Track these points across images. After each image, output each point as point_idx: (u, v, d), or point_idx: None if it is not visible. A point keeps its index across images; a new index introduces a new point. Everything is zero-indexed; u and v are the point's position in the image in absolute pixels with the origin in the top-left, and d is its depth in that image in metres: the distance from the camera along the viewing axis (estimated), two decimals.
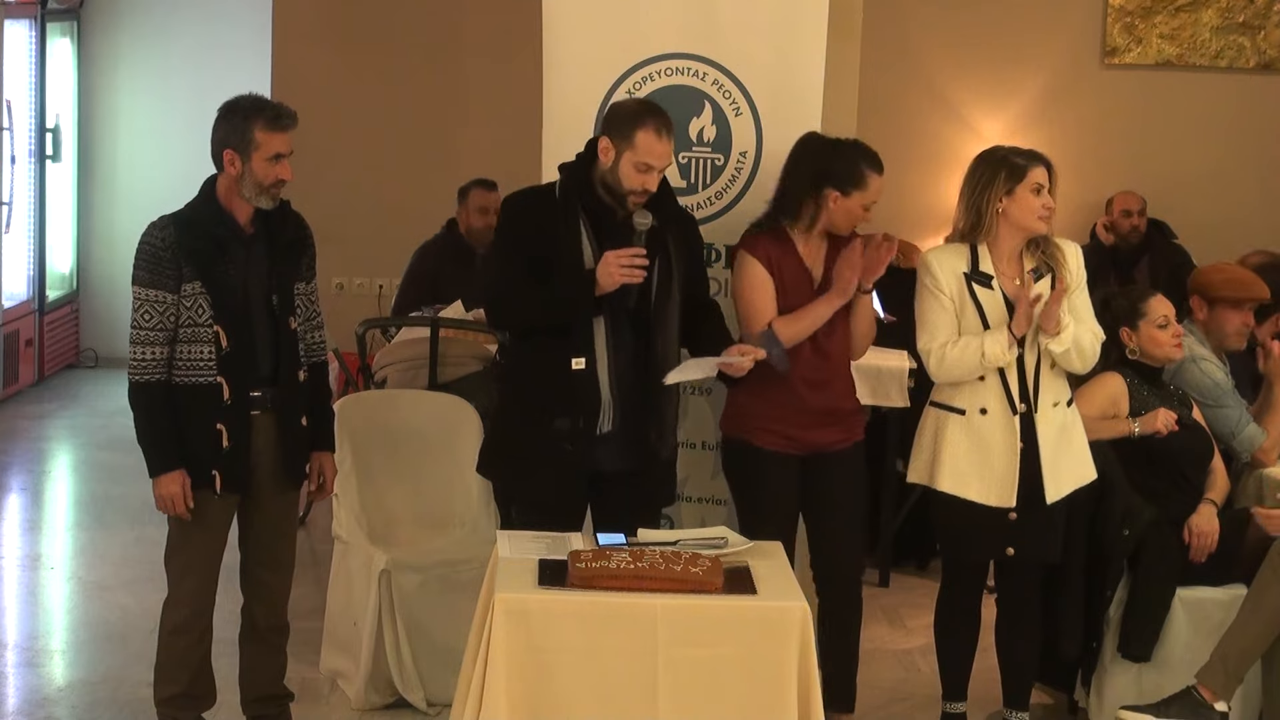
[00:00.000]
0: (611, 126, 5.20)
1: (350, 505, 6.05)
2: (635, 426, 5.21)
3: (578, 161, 5.27)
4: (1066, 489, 5.37)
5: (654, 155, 5.12)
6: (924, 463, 5.41)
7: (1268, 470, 6.01)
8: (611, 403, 5.19)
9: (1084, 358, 5.33)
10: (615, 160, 5.13)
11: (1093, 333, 5.35)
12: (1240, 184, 10.35)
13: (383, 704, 5.86)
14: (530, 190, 5.38)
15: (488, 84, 10.28)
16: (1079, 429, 5.42)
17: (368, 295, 10.19)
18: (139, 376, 5.06)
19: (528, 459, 5.24)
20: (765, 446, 5.41)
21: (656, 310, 5.22)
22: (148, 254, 5.05)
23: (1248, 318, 6.16)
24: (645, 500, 5.32)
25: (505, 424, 5.40)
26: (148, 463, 5.10)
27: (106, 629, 6.61)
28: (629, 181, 5.12)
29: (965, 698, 5.64)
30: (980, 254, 5.31)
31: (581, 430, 5.16)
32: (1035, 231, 5.29)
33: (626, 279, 5.07)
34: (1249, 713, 5.66)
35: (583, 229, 5.18)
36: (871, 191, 5.38)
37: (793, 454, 5.43)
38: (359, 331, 7.58)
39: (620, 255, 5.06)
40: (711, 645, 4.51)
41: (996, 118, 10.26)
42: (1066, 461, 5.36)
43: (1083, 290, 5.37)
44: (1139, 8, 10.43)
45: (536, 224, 5.20)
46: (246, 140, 5.03)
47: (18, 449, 9.37)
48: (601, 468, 5.22)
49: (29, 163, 10.81)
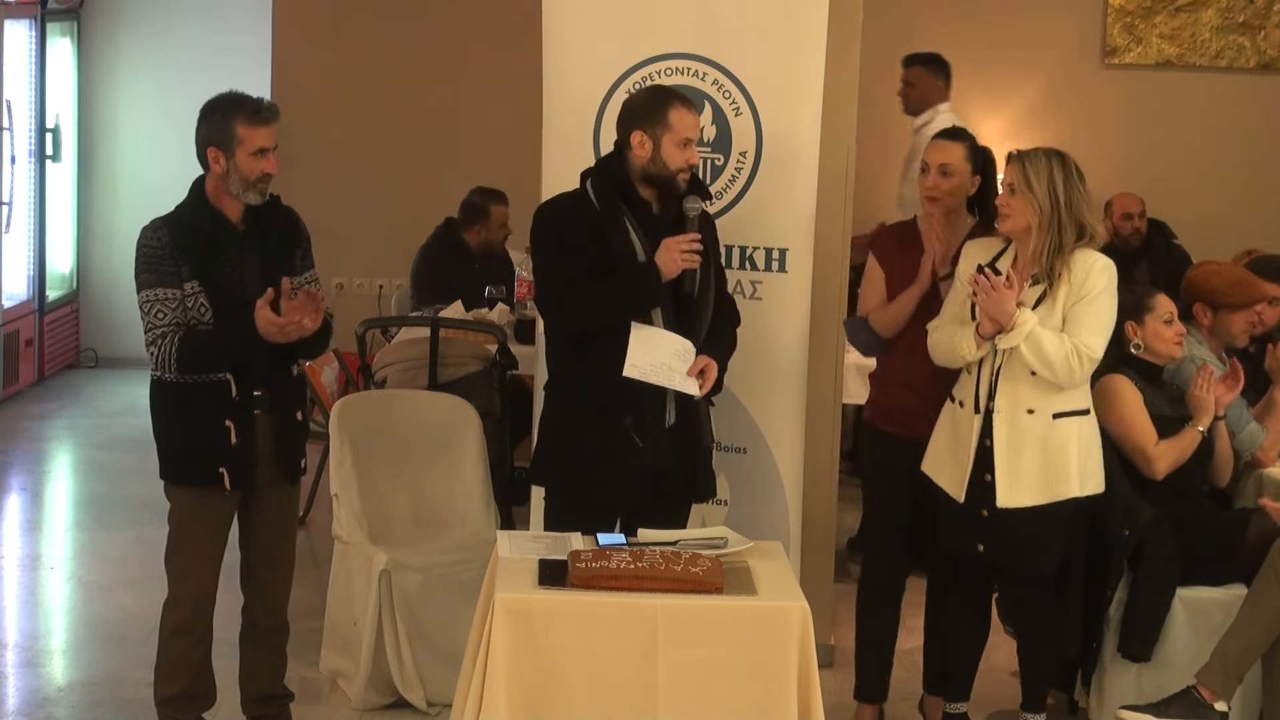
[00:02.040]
0: (637, 118, 5.22)
1: (350, 505, 6.05)
2: (689, 419, 5.28)
3: (604, 165, 5.30)
4: (1026, 499, 5.24)
5: (689, 127, 5.21)
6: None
7: (1268, 470, 6.01)
8: (673, 396, 5.23)
9: (1049, 366, 5.15)
10: (655, 147, 5.18)
11: (1075, 345, 5.16)
12: (1240, 184, 10.35)
13: (383, 704, 5.86)
14: (563, 198, 5.36)
15: (488, 84, 10.28)
16: (1070, 443, 5.25)
17: (368, 295, 10.19)
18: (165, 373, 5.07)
19: (593, 461, 5.21)
20: (886, 430, 5.63)
21: (699, 302, 5.28)
22: (147, 255, 5.06)
23: (1252, 315, 6.17)
24: (689, 495, 5.38)
25: (564, 430, 5.32)
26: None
27: (106, 629, 6.61)
28: (675, 161, 5.19)
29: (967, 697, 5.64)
30: (1009, 250, 5.31)
31: (649, 426, 5.20)
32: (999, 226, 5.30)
33: (688, 264, 5.17)
34: (1249, 713, 5.66)
35: (629, 227, 5.20)
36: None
37: (911, 439, 5.54)
38: (359, 331, 7.58)
39: (679, 241, 5.15)
40: (711, 645, 4.51)
41: (996, 118, 10.26)
42: (1032, 471, 5.23)
43: (1088, 304, 5.21)
44: (1139, 8, 10.44)
45: (581, 229, 5.21)
46: (228, 136, 5.04)
47: (18, 449, 9.37)
48: (662, 463, 5.24)
49: (29, 163, 10.81)
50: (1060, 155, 5.26)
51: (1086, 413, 5.32)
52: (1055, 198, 5.19)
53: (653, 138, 5.18)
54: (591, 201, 5.24)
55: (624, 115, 5.30)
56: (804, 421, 5.96)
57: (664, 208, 5.28)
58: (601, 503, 5.21)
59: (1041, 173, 5.22)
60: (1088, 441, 5.32)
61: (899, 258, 5.63)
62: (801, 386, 5.93)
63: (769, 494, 5.95)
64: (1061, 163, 5.24)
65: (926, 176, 5.55)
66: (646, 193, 5.25)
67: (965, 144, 5.60)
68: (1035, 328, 5.14)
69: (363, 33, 10.41)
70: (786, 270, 5.89)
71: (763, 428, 5.92)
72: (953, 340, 5.27)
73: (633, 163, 5.22)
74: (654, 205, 5.27)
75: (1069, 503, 5.30)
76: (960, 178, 5.55)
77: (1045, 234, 5.20)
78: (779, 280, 5.89)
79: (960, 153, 5.55)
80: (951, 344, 5.28)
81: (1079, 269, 5.22)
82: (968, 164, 5.55)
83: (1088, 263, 5.23)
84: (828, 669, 6.07)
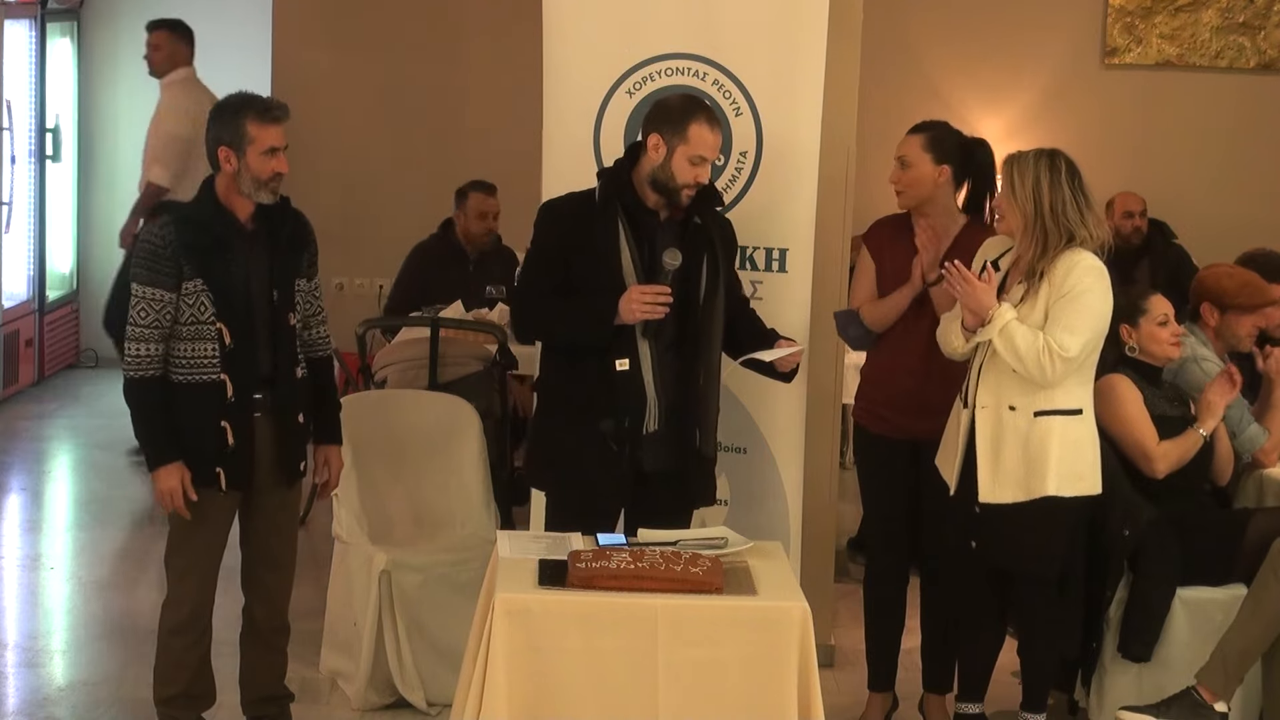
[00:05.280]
0: (661, 122, 5.17)
1: (350, 505, 6.05)
2: (681, 426, 5.24)
3: (617, 165, 5.28)
4: (1005, 496, 5.21)
5: (707, 147, 5.14)
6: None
7: (1268, 471, 6.01)
8: (657, 402, 5.21)
9: (1021, 361, 5.11)
10: (667, 156, 5.14)
11: (1048, 342, 5.10)
12: (1240, 184, 10.35)
13: (383, 704, 5.86)
14: (570, 196, 5.33)
15: (488, 83, 10.28)
16: (1049, 442, 5.19)
17: (368, 295, 10.18)
18: (135, 372, 5.07)
19: (574, 463, 5.21)
20: (875, 431, 5.66)
21: (705, 307, 5.24)
22: (147, 252, 5.06)
23: (1259, 319, 6.16)
24: (686, 500, 5.35)
25: (548, 430, 5.33)
26: (146, 458, 5.11)
27: (106, 629, 6.62)
28: (682, 175, 5.14)
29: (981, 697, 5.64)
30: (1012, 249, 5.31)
31: (627, 431, 5.17)
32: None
33: (646, 315, 5.10)
34: (1249, 713, 5.66)
35: (621, 231, 5.18)
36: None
37: (902, 439, 5.58)
38: (359, 331, 7.58)
39: (645, 292, 5.09)
40: (711, 645, 4.51)
41: (996, 118, 10.26)
42: (1011, 468, 5.21)
43: (1068, 303, 5.15)
44: (1139, 8, 10.44)
45: (573, 230, 5.18)
46: (239, 135, 5.04)
47: (18, 449, 9.37)
48: (645, 468, 5.22)
49: (29, 163, 10.81)
50: (1051, 157, 5.22)
51: (1077, 413, 5.25)
52: (1039, 202, 5.17)
53: (669, 145, 5.13)
54: (595, 201, 5.22)
55: (651, 114, 5.25)
56: (804, 421, 5.96)
57: (671, 216, 5.23)
58: (596, 506, 5.20)
59: (1027, 176, 5.19)
60: (1074, 442, 5.24)
61: (890, 248, 5.65)
62: (801, 386, 5.92)
63: (769, 494, 5.95)
64: (1050, 165, 5.20)
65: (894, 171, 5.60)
66: (653, 198, 5.20)
67: (926, 134, 5.58)
68: (1011, 322, 5.13)
69: (363, 32, 10.41)
70: (786, 270, 5.89)
71: (763, 428, 5.92)
72: (946, 332, 5.31)
73: (645, 164, 5.20)
74: (661, 213, 5.22)
75: (1055, 503, 5.22)
76: (919, 168, 5.53)
77: (1029, 236, 5.20)
78: (779, 280, 5.89)
79: (917, 144, 5.55)
80: (945, 335, 5.32)
81: (1061, 268, 5.19)
82: (926, 154, 5.53)
83: (1071, 261, 5.19)
84: (828, 669, 6.07)
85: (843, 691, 6.03)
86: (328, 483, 5.39)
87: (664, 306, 5.10)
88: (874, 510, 5.85)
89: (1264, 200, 10.25)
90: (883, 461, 5.69)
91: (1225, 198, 10.30)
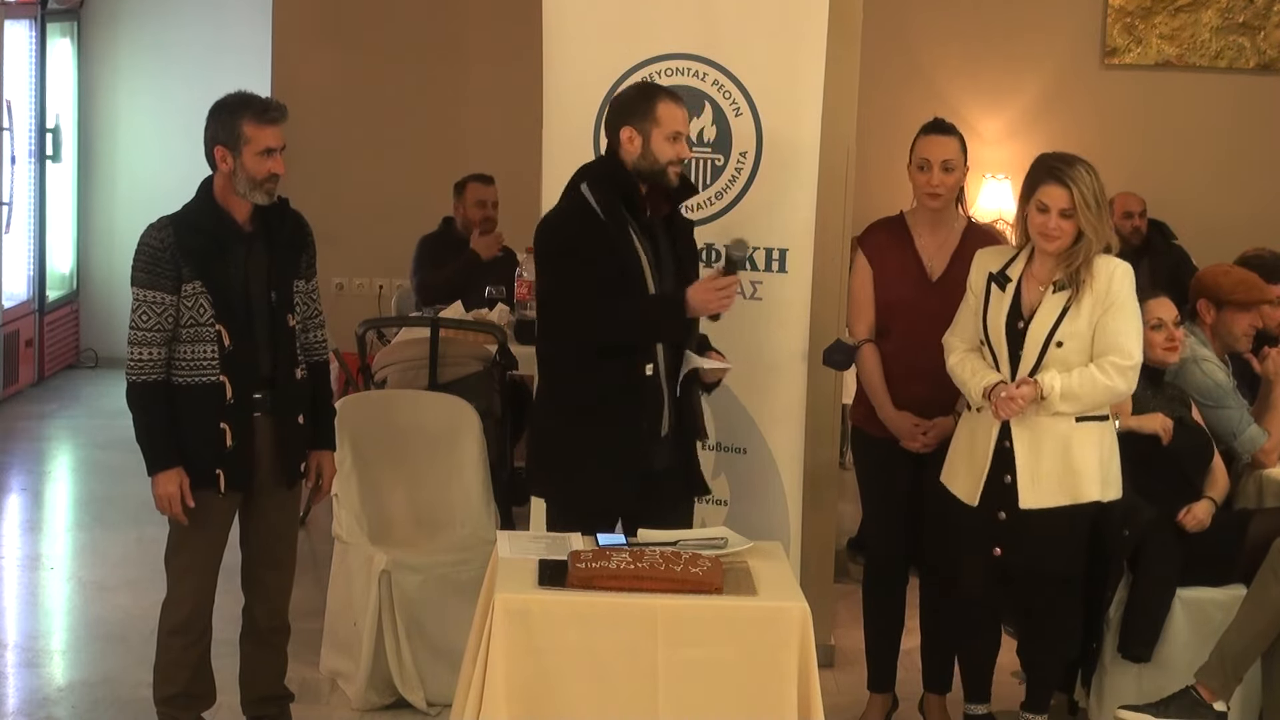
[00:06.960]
0: (626, 115, 5.17)
1: (350, 505, 6.05)
2: (681, 422, 5.27)
3: (602, 170, 5.22)
4: (1047, 500, 5.21)
5: (678, 121, 5.17)
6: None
7: (1268, 471, 6.01)
8: (669, 403, 5.23)
9: (1096, 402, 5.15)
10: (645, 143, 5.14)
11: (1102, 365, 5.12)
12: (1240, 184, 10.36)
13: (383, 704, 5.86)
14: (567, 210, 5.22)
15: (488, 84, 10.29)
16: (1090, 446, 5.21)
17: (368, 295, 10.20)
18: (137, 376, 5.06)
19: (589, 466, 5.18)
20: (875, 435, 5.66)
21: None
22: (146, 255, 5.05)
23: (1255, 319, 6.17)
24: (685, 492, 5.37)
25: (564, 436, 5.24)
26: (146, 462, 5.11)
27: (106, 629, 6.61)
28: (664, 154, 5.14)
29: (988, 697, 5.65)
30: (1020, 257, 5.27)
31: (648, 432, 5.19)
32: (1043, 250, 5.20)
33: (721, 308, 5.14)
34: (1249, 713, 5.66)
35: (633, 234, 5.16)
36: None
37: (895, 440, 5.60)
38: (359, 331, 7.59)
39: (719, 283, 5.12)
40: (711, 645, 4.51)
41: (996, 118, 10.26)
42: (1054, 473, 5.21)
43: (1117, 311, 5.16)
44: (1139, 8, 10.45)
45: (592, 241, 5.13)
46: (235, 135, 5.04)
47: (18, 449, 9.38)
48: (656, 466, 5.23)
49: (29, 163, 10.81)
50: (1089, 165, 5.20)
51: (1107, 419, 5.29)
52: (1100, 212, 5.16)
53: (642, 133, 5.14)
54: (594, 211, 5.16)
55: (612, 112, 5.25)
56: (804, 421, 5.96)
57: (654, 209, 5.22)
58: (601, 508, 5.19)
59: (1092, 189, 5.13)
60: (1110, 446, 5.29)
61: (888, 253, 5.63)
62: (801, 386, 5.92)
63: (769, 494, 5.95)
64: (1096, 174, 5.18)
65: (926, 174, 5.55)
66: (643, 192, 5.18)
67: (958, 136, 5.63)
68: (1060, 387, 5.12)
69: (363, 32, 10.42)
70: (787, 270, 5.88)
71: (763, 428, 5.92)
72: (965, 383, 5.28)
73: (624, 161, 5.18)
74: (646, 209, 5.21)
75: (1091, 506, 5.26)
76: (960, 172, 5.60)
77: (1083, 249, 5.15)
78: (779, 280, 5.89)
79: (956, 146, 5.59)
80: (963, 383, 5.29)
81: (1101, 276, 5.17)
82: (963, 156, 5.60)
83: (1109, 269, 5.18)
84: (828, 669, 6.08)
85: (843, 692, 6.03)
86: (319, 486, 5.38)
87: (730, 298, 5.16)
88: (873, 511, 5.85)
89: (1264, 200, 10.26)
90: (882, 464, 5.69)
91: (1225, 198, 10.31)
